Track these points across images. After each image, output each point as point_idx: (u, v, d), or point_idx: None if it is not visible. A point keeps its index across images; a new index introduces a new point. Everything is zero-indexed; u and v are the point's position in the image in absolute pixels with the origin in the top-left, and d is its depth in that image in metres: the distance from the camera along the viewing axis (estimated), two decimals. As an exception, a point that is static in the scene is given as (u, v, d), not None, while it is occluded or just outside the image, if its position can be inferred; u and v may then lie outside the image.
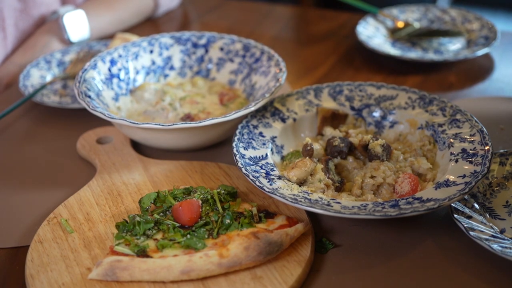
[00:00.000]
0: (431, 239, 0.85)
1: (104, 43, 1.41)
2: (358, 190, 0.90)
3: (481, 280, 0.78)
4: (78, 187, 0.96)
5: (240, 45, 1.21)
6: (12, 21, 1.39)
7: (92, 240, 0.84)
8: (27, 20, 1.43)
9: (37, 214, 0.93)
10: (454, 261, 0.81)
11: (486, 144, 0.91)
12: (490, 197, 0.91)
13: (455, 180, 0.86)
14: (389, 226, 0.87)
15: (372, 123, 1.06)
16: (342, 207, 0.82)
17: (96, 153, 1.05)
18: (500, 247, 0.78)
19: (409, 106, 1.04)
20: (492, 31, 1.43)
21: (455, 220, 0.82)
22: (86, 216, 0.89)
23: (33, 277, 0.78)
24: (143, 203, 0.88)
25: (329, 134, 1.02)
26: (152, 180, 0.97)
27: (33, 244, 0.84)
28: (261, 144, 0.96)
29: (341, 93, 1.08)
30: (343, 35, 1.56)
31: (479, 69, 1.37)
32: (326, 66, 1.40)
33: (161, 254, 0.79)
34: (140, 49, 1.20)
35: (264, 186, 0.85)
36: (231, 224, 0.84)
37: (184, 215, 0.84)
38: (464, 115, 0.98)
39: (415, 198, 0.84)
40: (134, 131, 1.01)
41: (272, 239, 0.79)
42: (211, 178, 0.97)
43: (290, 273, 0.78)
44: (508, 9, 3.46)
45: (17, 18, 1.41)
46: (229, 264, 0.77)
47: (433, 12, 1.57)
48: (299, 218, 0.87)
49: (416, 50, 1.42)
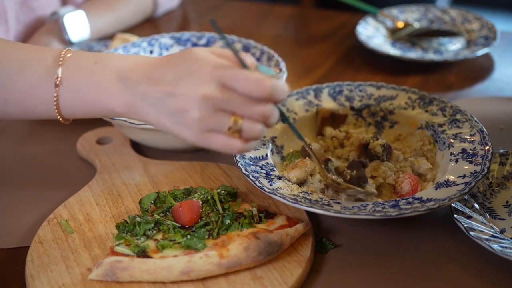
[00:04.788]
0: (431, 239, 0.85)
1: (104, 43, 1.41)
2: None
3: (481, 280, 0.78)
4: (78, 187, 0.96)
5: (240, 45, 1.21)
6: (13, 14, 1.39)
7: (92, 240, 0.84)
8: (27, 13, 1.43)
9: (37, 214, 0.93)
10: (454, 261, 0.81)
11: (486, 144, 0.91)
12: (490, 197, 0.91)
13: (455, 180, 0.86)
14: (389, 226, 0.87)
15: (372, 123, 1.06)
16: (342, 207, 0.82)
17: (96, 153, 1.05)
18: (500, 247, 0.78)
19: (409, 106, 1.04)
20: (492, 31, 1.43)
21: (455, 220, 0.82)
22: (86, 217, 0.89)
23: (33, 278, 0.78)
24: (143, 203, 0.88)
25: (329, 134, 1.02)
26: (152, 181, 0.97)
27: (33, 245, 0.84)
28: (261, 144, 0.96)
29: (341, 93, 1.08)
30: (343, 35, 1.56)
31: (479, 69, 1.37)
32: (326, 66, 1.40)
33: (161, 255, 0.79)
34: (140, 49, 1.21)
35: (264, 187, 0.85)
36: (231, 224, 0.84)
37: (184, 216, 0.84)
38: (464, 115, 0.98)
39: (415, 198, 0.84)
40: (134, 131, 1.01)
41: (272, 240, 0.79)
42: (211, 178, 0.97)
43: (290, 273, 0.78)
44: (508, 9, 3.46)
45: (18, 10, 1.41)
46: (229, 265, 0.77)
47: (433, 12, 1.57)
48: (299, 218, 0.87)
49: (416, 50, 1.42)
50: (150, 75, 0.76)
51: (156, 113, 0.76)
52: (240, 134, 0.73)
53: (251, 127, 0.73)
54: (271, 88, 0.71)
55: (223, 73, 0.72)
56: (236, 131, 0.73)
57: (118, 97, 0.78)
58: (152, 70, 0.76)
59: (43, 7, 1.46)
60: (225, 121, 0.72)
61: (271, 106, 0.73)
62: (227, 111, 0.72)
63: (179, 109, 0.73)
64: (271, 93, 0.71)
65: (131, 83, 0.77)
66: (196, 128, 0.73)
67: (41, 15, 1.46)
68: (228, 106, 0.72)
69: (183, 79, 0.73)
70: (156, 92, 0.74)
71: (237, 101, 0.72)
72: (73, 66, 0.80)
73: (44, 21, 1.46)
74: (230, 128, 0.72)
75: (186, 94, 0.72)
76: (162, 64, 0.76)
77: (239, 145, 0.74)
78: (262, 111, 0.72)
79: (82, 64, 0.80)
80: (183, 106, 0.73)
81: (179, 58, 0.76)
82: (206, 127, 0.73)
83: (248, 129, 0.73)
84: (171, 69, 0.75)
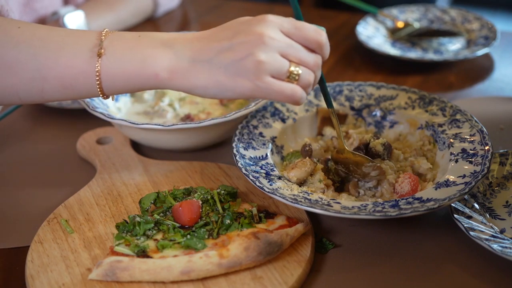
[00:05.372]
0: (431, 239, 0.85)
1: (104, 43, 1.41)
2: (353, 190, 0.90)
3: (481, 280, 0.78)
4: (78, 187, 0.96)
5: (240, 45, 1.20)
6: (17, 15, 1.39)
7: (92, 240, 0.84)
8: (30, 13, 1.43)
9: (37, 214, 0.92)
10: (454, 261, 0.81)
11: (486, 144, 0.91)
12: (490, 197, 0.91)
13: (455, 180, 0.86)
14: (389, 226, 0.87)
15: (372, 123, 1.06)
16: (342, 207, 0.82)
17: (96, 153, 1.05)
18: (500, 247, 0.78)
19: (409, 106, 1.04)
20: (492, 31, 1.43)
21: (455, 220, 0.82)
22: (86, 217, 0.89)
23: (33, 278, 0.78)
24: (143, 203, 0.88)
25: (329, 134, 1.02)
26: (152, 181, 0.97)
27: (33, 245, 0.84)
28: (261, 144, 0.96)
29: (340, 93, 1.08)
30: (343, 35, 1.56)
31: (479, 69, 1.37)
32: (326, 66, 1.40)
33: (161, 255, 0.79)
34: (140, 49, 1.20)
35: (264, 186, 0.85)
36: (231, 224, 0.84)
37: (184, 216, 0.84)
38: (464, 115, 0.98)
39: (415, 198, 0.84)
40: (134, 131, 1.01)
41: (272, 239, 0.79)
42: (211, 178, 0.97)
43: (290, 273, 0.78)
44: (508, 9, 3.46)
45: (21, 12, 1.41)
46: (229, 265, 0.77)
47: (433, 12, 1.57)
48: (299, 218, 0.87)
49: (416, 50, 1.42)
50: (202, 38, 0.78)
51: (209, 72, 0.76)
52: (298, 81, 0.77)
53: (308, 73, 0.78)
54: (326, 39, 0.79)
55: (283, 22, 0.77)
56: (295, 76, 0.76)
57: (164, 62, 0.77)
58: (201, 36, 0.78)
59: (46, 8, 1.46)
60: (286, 65, 0.76)
61: (320, 57, 0.79)
62: (287, 56, 0.76)
63: (239, 57, 0.75)
64: (325, 44, 0.78)
65: (178, 48, 0.78)
66: (256, 74, 0.75)
67: (44, 16, 1.47)
68: (290, 51, 0.76)
69: (240, 32, 0.76)
70: (209, 50, 0.76)
71: (297, 46, 0.77)
72: (117, 37, 0.80)
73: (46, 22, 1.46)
74: (290, 74, 0.76)
75: (248, 39, 0.75)
76: (212, 31, 0.79)
77: (300, 90, 0.77)
78: (316, 59, 0.78)
79: (126, 37, 0.80)
80: (244, 52, 0.75)
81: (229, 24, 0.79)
82: (267, 71, 0.75)
83: (305, 75, 0.77)
84: (223, 30, 0.78)
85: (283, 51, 0.76)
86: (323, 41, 0.78)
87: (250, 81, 0.75)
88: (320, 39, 0.78)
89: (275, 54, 0.75)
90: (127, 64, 0.79)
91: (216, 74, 0.76)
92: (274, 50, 0.75)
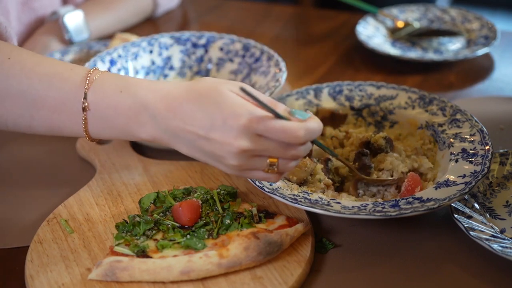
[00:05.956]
0: (431, 239, 0.85)
1: (103, 43, 1.41)
2: (353, 190, 0.90)
3: (481, 280, 0.78)
4: (78, 187, 0.96)
5: (239, 45, 1.21)
6: (15, 15, 1.39)
7: (91, 240, 0.84)
8: (29, 13, 1.43)
9: (37, 214, 0.92)
10: (454, 261, 0.81)
11: (486, 144, 0.91)
12: (490, 197, 0.91)
13: (455, 180, 0.86)
14: (389, 226, 0.87)
15: (372, 123, 1.06)
16: (342, 207, 0.82)
17: (95, 153, 1.04)
18: (500, 247, 0.78)
19: (409, 106, 1.04)
20: (492, 31, 1.43)
21: (455, 220, 0.82)
22: (85, 217, 0.89)
23: (32, 278, 0.78)
24: (143, 203, 0.88)
25: (328, 134, 1.02)
26: (152, 180, 0.97)
27: (32, 245, 0.84)
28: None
29: (341, 93, 1.08)
30: (343, 35, 1.56)
31: (479, 69, 1.37)
32: (326, 66, 1.40)
33: (161, 255, 0.79)
34: (140, 49, 1.20)
35: (264, 186, 0.85)
36: (231, 224, 0.84)
37: (184, 216, 0.84)
38: (464, 115, 0.98)
39: (415, 198, 0.84)
40: (134, 131, 1.00)
41: (272, 239, 0.79)
42: (211, 178, 0.97)
43: (290, 273, 0.77)
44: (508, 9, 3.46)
45: (20, 11, 1.40)
46: (229, 264, 0.77)
47: (433, 12, 1.57)
48: (299, 218, 0.86)
49: (416, 50, 1.42)
50: (180, 114, 0.76)
51: (189, 149, 0.79)
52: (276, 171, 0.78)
53: (286, 165, 0.78)
54: (305, 136, 0.74)
55: (258, 126, 0.74)
56: (273, 168, 0.77)
57: (147, 130, 0.79)
58: (181, 107, 0.76)
59: (45, 8, 1.46)
60: (262, 163, 0.77)
61: (304, 146, 0.77)
62: (263, 156, 0.76)
63: (214, 153, 0.76)
64: (305, 140, 0.75)
65: (160, 119, 0.78)
66: (233, 169, 0.77)
67: (42, 15, 1.46)
68: (264, 153, 0.76)
69: (216, 128, 0.74)
70: (188, 133, 0.76)
71: (273, 148, 0.75)
72: (100, 92, 0.80)
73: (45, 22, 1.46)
74: (268, 168, 0.77)
75: (221, 144, 0.75)
76: (190, 100, 0.76)
77: (277, 178, 0.79)
78: (296, 153, 0.76)
79: (108, 93, 0.80)
80: (219, 153, 0.75)
81: (208, 98, 0.75)
82: (243, 169, 0.77)
83: (284, 166, 0.78)
84: (202, 109, 0.75)
85: (258, 153, 0.76)
86: (302, 140, 0.74)
87: (229, 171, 0.78)
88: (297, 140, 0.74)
89: (249, 159, 0.76)
90: (110, 124, 0.81)
91: (196, 153, 0.78)
92: (248, 157, 0.75)
